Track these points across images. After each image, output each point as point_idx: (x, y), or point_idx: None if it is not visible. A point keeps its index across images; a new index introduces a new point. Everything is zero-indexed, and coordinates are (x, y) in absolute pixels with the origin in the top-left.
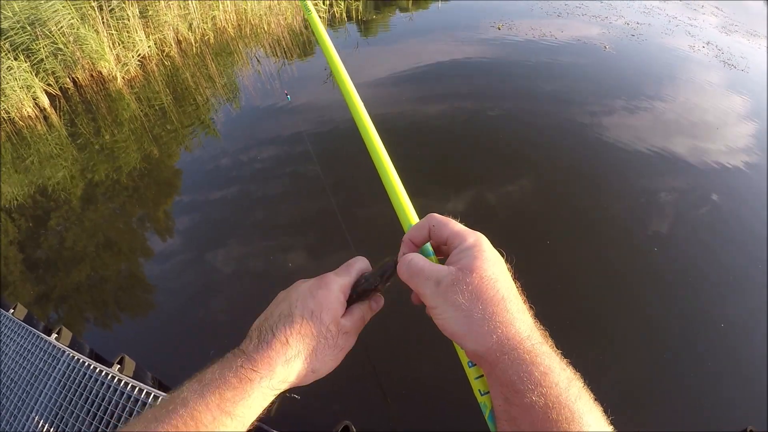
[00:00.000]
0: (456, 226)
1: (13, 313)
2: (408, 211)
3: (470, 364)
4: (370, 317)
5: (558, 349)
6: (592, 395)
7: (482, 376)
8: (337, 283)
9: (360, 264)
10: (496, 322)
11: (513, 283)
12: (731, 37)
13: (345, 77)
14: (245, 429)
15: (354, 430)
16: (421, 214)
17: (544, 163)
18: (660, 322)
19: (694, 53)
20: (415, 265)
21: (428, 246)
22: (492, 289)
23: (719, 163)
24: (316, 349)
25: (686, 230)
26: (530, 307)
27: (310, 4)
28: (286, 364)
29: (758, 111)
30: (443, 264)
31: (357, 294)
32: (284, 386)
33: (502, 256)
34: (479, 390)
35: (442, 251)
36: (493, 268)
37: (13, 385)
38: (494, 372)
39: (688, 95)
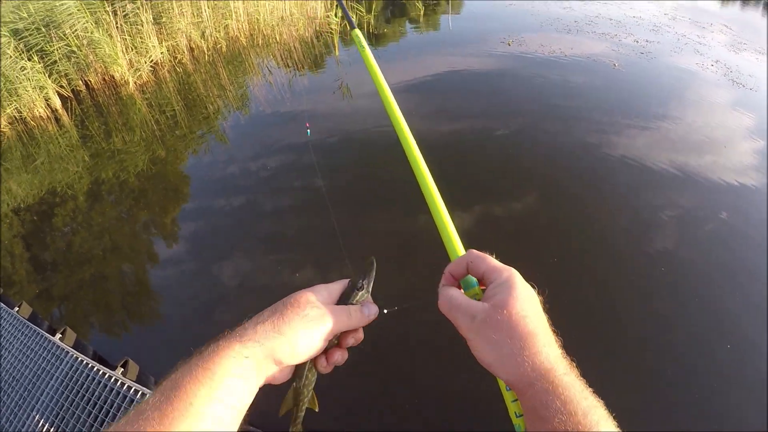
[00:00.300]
0: (492, 262)
1: (18, 311)
2: (455, 243)
3: (507, 387)
4: (362, 320)
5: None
6: (614, 423)
7: (517, 399)
8: (325, 287)
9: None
10: (524, 356)
11: (543, 316)
12: (740, 56)
13: (398, 115)
14: (218, 385)
15: None
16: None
17: (549, 181)
18: (664, 342)
19: (702, 71)
20: (455, 300)
21: (470, 277)
22: (521, 324)
23: (725, 181)
24: (285, 315)
25: (692, 247)
26: (558, 338)
27: (363, 41)
28: (255, 326)
29: (765, 129)
30: (484, 290)
31: (345, 294)
32: (252, 346)
33: (534, 288)
34: (515, 412)
35: (482, 283)
36: (523, 304)
37: (14, 383)
38: (523, 399)
39: (697, 113)
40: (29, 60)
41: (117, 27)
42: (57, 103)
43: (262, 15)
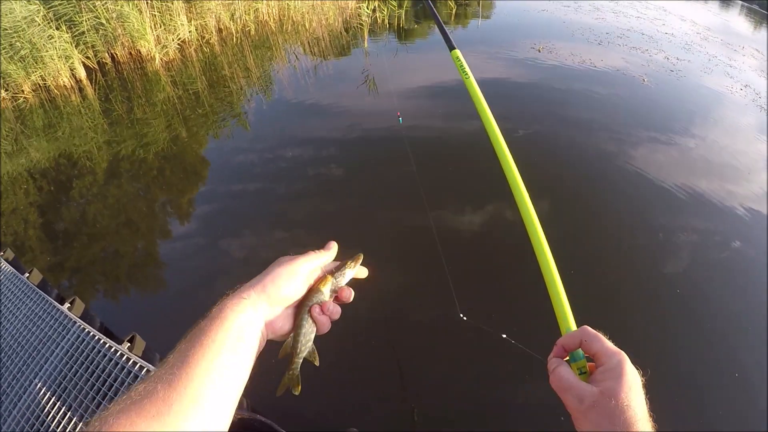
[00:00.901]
0: (604, 344)
1: (28, 278)
2: (567, 315)
3: None
4: (328, 254)
5: None
6: None
7: None
8: (299, 261)
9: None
10: None
11: (644, 404)
12: None
13: (505, 151)
14: (230, 326)
15: None
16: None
17: (563, 190)
18: (672, 365)
19: (731, 95)
20: (566, 381)
21: (580, 351)
22: (624, 414)
23: (747, 208)
24: (267, 269)
25: (703, 273)
26: (654, 423)
27: (466, 65)
28: (246, 284)
29: None
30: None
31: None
32: (246, 290)
33: (638, 370)
34: None
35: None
36: (629, 393)
37: (19, 348)
38: None
39: (722, 137)
40: (57, 29)
41: (147, 2)
42: (82, 73)
43: (293, 1)
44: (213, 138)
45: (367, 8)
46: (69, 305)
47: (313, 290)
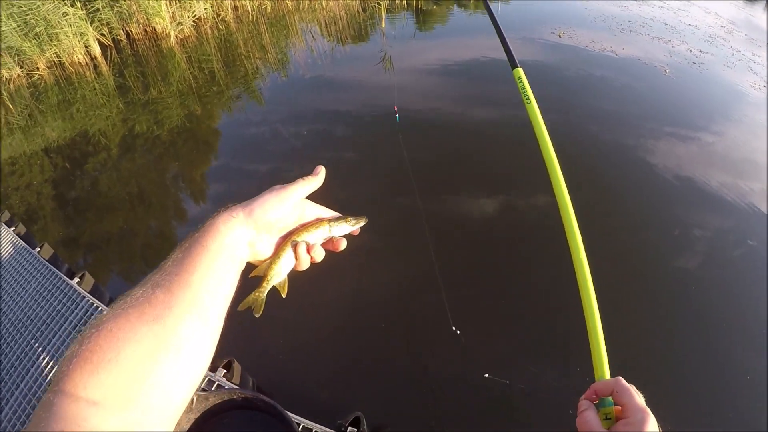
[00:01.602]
0: (633, 399)
1: (39, 252)
2: (604, 362)
3: None
4: (315, 180)
5: None
6: None
7: None
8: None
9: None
10: None
11: None
12: None
13: (563, 187)
14: (222, 240)
15: (365, 421)
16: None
17: (581, 180)
18: (682, 364)
19: (755, 91)
20: (589, 425)
21: (610, 399)
22: None
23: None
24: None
25: (719, 270)
26: None
27: (528, 87)
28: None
29: None
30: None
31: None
32: (234, 208)
33: (659, 429)
34: None
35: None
36: None
37: (29, 322)
38: None
39: (743, 133)
40: (72, 6)
41: None
42: (96, 50)
43: None
44: (226, 112)
45: None
46: (78, 280)
47: (303, 228)
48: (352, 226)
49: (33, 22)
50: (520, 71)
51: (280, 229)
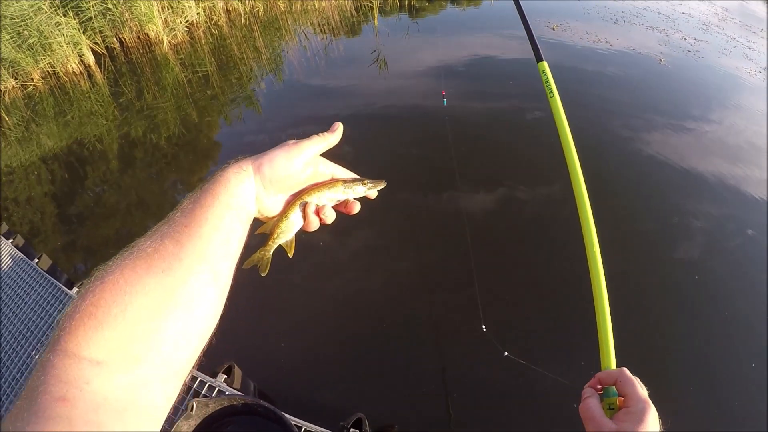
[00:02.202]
0: (636, 389)
1: (37, 263)
2: (611, 353)
3: None
4: (332, 138)
5: None
6: None
7: None
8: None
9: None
10: None
11: None
12: None
13: (581, 183)
14: (232, 192)
15: (367, 422)
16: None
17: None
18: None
19: (750, 77)
20: (591, 412)
21: (614, 389)
22: None
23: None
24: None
25: (718, 261)
26: None
27: (552, 82)
28: None
29: None
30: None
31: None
32: (244, 161)
33: (660, 421)
34: None
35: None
36: None
37: (29, 333)
38: None
39: (741, 120)
40: (64, 16)
41: None
42: (90, 59)
43: None
44: (224, 122)
45: None
46: (77, 289)
47: (316, 187)
48: (368, 189)
49: (26, 33)
50: (544, 65)
51: (290, 186)
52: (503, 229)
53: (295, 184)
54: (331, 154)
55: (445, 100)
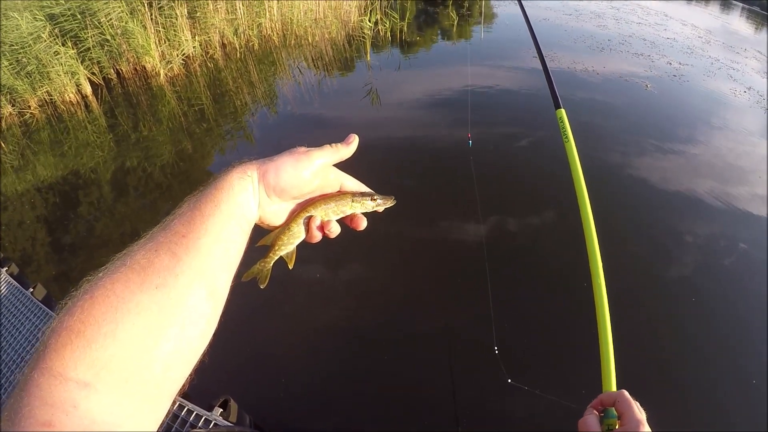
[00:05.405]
0: (632, 411)
1: (32, 293)
2: (612, 376)
3: None
4: (346, 150)
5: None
6: None
7: None
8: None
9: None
10: None
11: None
12: None
13: (591, 226)
14: (235, 199)
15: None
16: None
17: (566, 198)
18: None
19: (735, 98)
20: (588, 428)
21: (614, 410)
22: None
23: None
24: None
25: (711, 278)
26: None
27: (569, 128)
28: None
29: None
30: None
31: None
32: (250, 165)
33: None
34: None
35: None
36: None
37: (24, 364)
38: None
39: (728, 140)
40: (63, 45)
41: (151, 19)
42: (88, 89)
43: (296, 15)
44: (218, 152)
45: (369, 21)
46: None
47: (323, 199)
48: (377, 205)
49: (25, 60)
50: (562, 112)
51: (295, 196)
52: (498, 258)
53: (300, 195)
54: (343, 165)
55: (470, 141)
